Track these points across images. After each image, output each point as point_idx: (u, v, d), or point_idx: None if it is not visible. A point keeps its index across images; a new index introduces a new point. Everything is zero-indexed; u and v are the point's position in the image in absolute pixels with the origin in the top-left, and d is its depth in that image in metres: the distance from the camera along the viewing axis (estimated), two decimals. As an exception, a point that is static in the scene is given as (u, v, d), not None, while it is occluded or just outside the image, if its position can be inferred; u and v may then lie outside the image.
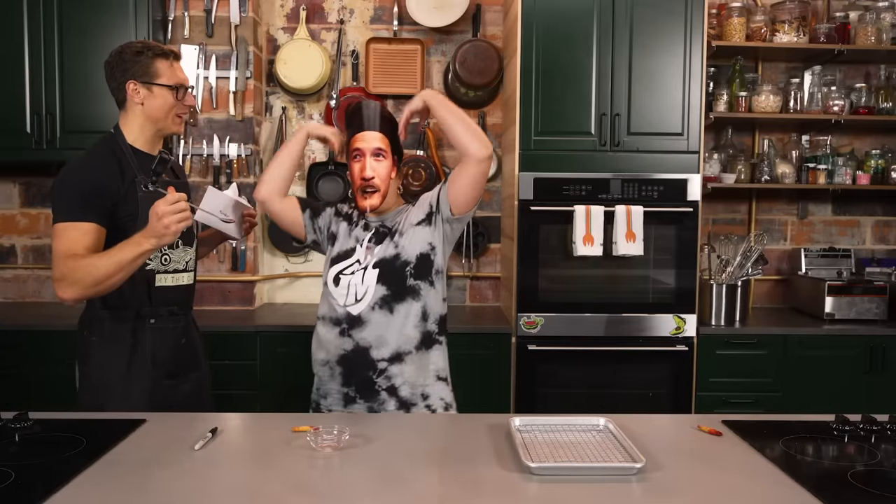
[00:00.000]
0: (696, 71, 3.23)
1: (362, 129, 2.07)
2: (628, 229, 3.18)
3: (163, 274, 2.09)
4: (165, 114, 2.09)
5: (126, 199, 2.00)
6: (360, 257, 2.09)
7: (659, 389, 3.28)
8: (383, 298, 2.03)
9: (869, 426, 1.72)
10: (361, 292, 2.04)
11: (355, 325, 2.04)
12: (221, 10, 3.48)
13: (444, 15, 3.64)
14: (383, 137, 2.07)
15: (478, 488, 1.42)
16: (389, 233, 2.10)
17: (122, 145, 2.07)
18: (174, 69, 2.10)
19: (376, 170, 2.05)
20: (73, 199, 1.93)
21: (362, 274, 2.05)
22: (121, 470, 1.49)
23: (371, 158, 2.05)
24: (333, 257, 2.13)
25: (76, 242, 1.90)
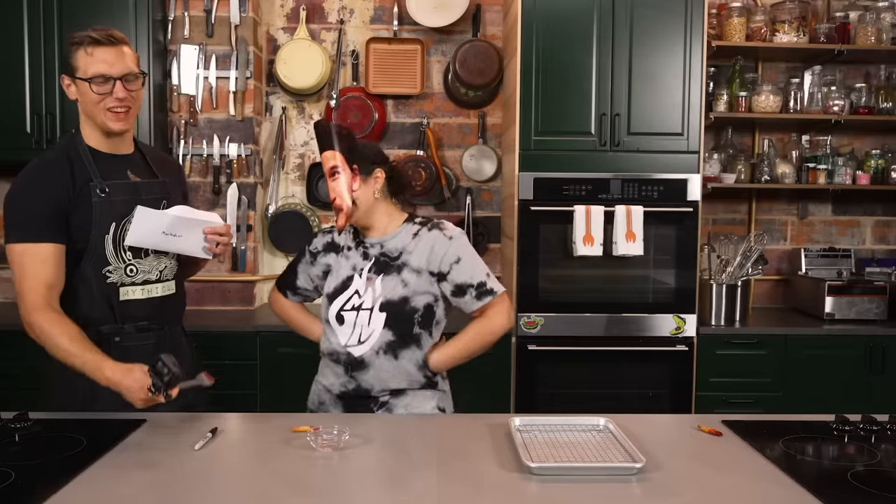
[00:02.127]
0: (696, 71, 3.23)
1: (320, 150, 2.00)
2: (628, 229, 3.18)
3: (129, 287, 1.90)
4: (94, 110, 1.86)
5: (78, 208, 1.83)
6: (360, 289, 1.99)
7: (659, 389, 3.28)
8: (389, 344, 1.96)
9: (869, 426, 1.72)
10: (366, 334, 1.97)
11: (358, 367, 1.97)
12: (221, 10, 3.48)
13: (444, 15, 3.64)
14: (335, 154, 1.97)
15: (478, 488, 1.42)
16: (391, 264, 2.00)
17: (80, 147, 1.90)
18: (93, 58, 1.82)
19: (335, 189, 1.96)
20: (28, 216, 1.79)
21: (368, 315, 1.97)
22: (121, 470, 1.49)
23: (330, 179, 1.97)
24: (330, 293, 2.03)
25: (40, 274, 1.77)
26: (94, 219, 1.85)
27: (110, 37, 1.84)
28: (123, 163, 1.94)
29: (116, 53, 1.84)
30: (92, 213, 1.84)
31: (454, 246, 2.00)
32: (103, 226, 1.86)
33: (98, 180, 1.86)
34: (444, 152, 3.81)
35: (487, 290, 2.00)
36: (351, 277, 2.02)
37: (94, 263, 1.86)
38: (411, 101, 3.79)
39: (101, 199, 1.85)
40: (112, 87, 1.82)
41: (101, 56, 1.82)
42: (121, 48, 1.85)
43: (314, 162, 3.78)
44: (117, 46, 1.84)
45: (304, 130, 3.80)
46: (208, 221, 1.95)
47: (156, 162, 2.05)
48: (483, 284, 2.00)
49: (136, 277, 1.92)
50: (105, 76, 1.82)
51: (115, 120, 1.86)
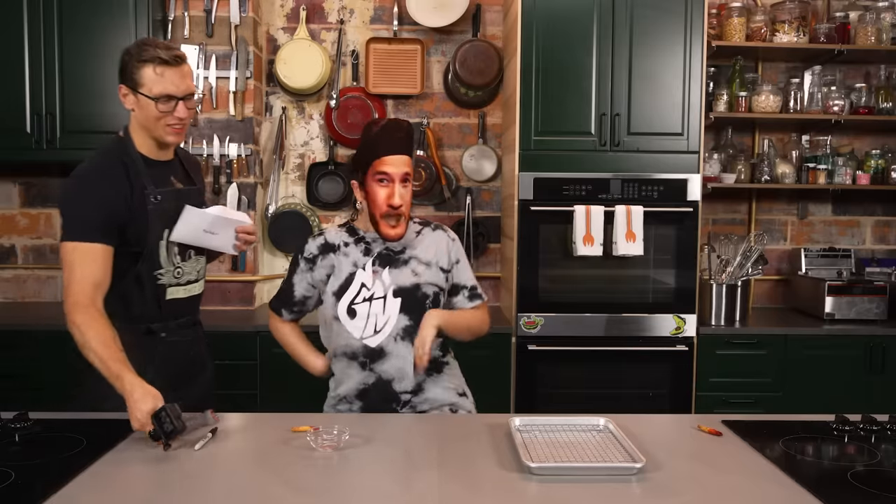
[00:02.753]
0: (696, 71, 3.23)
1: (392, 151, 1.93)
2: (628, 229, 3.18)
3: (175, 287, 2.01)
4: (154, 125, 1.92)
5: (134, 214, 1.91)
6: (366, 281, 2.00)
7: (659, 389, 3.28)
8: (405, 329, 1.98)
9: (869, 426, 1.73)
10: (382, 322, 1.98)
11: (377, 357, 1.98)
12: (221, 10, 3.48)
13: (444, 15, 3.64)
14: (410, 161, 1.97)
15: (478, 488, 1.42)
16: (396, 257, 2.02)
17: (132, 153, 1.97)
18: (163, 78, 1.87)
19: (404, 197, 1.95)
20: (83, 218, 1.87)
21: (382, 303, 1.98)
22: (121, 470, 1.49)
23: (399, 185, 1.94)
24: (336, 290, 2.01)
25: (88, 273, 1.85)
26: (149, 225, 1.93)
27: (177, 58, 1.91)
28: (168, 169, 2.03)
29: (181, 74, 1.91)
30: (147, 220, 1.93)
31: (456, 247, 2.12)
32: (157, 231, 1.95)
33: (151, 188, 1.94)
34: (444, 152, 3.81)
35: (478, 294, 2.14)
36: (353, 273, 2.01)
37: (148, 267, 1.95)
38: (411, 101, 3.79)
39: (155, 205, 1.94)
40: (174, 106, 1.90)
41: (169, 77, 1.89)
42: (184, 68, 1.93)
43: (314, 162, 3.78)
44: (181, 66, 1.92)
45: (304, 130, 3.80)
46: (241, 221, 2.09)
47: (189, 164, 2.15)
48: (475, 288, 2.14)
49: (182, 279, 2.02)
50: (170, 96, 1.89)
51: (174, 134, 1.95)
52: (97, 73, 3.31)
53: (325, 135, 3.79)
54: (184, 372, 2.05)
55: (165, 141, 1.97)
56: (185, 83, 1.91)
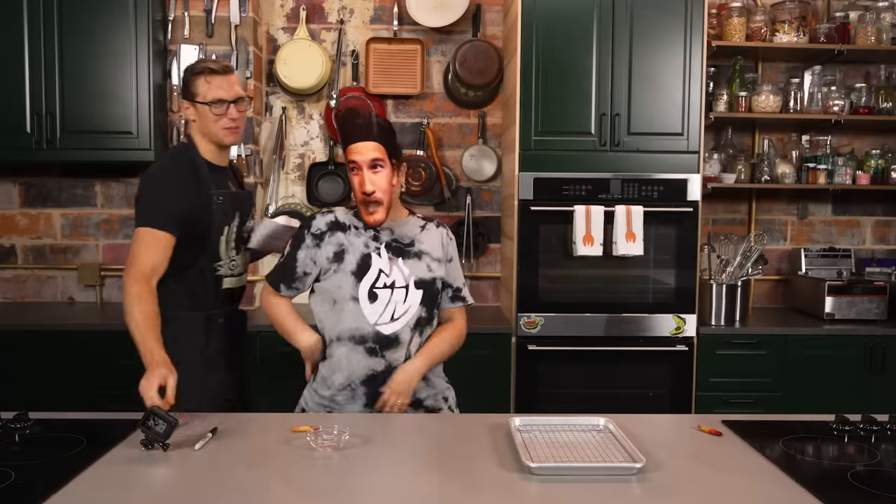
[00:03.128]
0: (696, 71, 3.23)
1: (355, 139, 1.97)
2: (628, 229, 3.18)
3: (229, 278, 2.24)
4: (211, 129, 2.17)
5: (199, 211, 2.14)
6: (384, 268, 2.01)
7: (659, 389, 3.28)
8: (419, 321, 2.04)
9: (869, 426, 1.73)
10: (401, 311, 2.01)
11: (389, 345, 2.00)
12: (221, 10, 3.48)
13: (444, 15, 3.64)
14: (378, 146, 1.96)
15: (478, 488, 1.42)
16: (407, 249, 2.06)
17: (197, 158, 2.20)
18: (211, 85, 2.14)
19: (376, 182, 1.95)
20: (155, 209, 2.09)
21: (405, 292, 2.01)
22: (121, 470, 1.49)
23: (368, 171, 1.95)
24: (354, 270, 2.01)
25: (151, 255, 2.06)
26: (212, 222, 2.16)
27: (225, 67, 2.20)
28: (224, 175, 2.27)
29: (229, 82, 2.17)
30: (211, 217, 2.16)
31: (452, 246, 2.16)
32: (218, 228, 2.18)
33: (215, 189, 2.18)
34: (444, 152, 3.81)
35: (461, 297, 2.17)
36: (369, 256, 2.02)
37: (208, 259, 2.18)
38: (411, 101, 3.79)
39: (218, 205, 2.17)
40: (226, 109, 2.15)
41: (217, 83, 2.15)
42: (231, 77, 2.19)
43: (314, 162, 3.78)
44: (229, 76, 2.18)
45: (304, 130, 3.80)
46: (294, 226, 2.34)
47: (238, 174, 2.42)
48: (460, 290, 2.16)
49: (234, 270, 2.26)
50: (222, 100, 2.14)
51: (230, 135, 2.19)
52: (97, 73, 3.32)
53: (325, 135, 3.79)
54: (236, 353, 2.26)
55: (224, 142, 2.20)
56: (233, 89, 2.16)
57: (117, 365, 3.14)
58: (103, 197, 3.77)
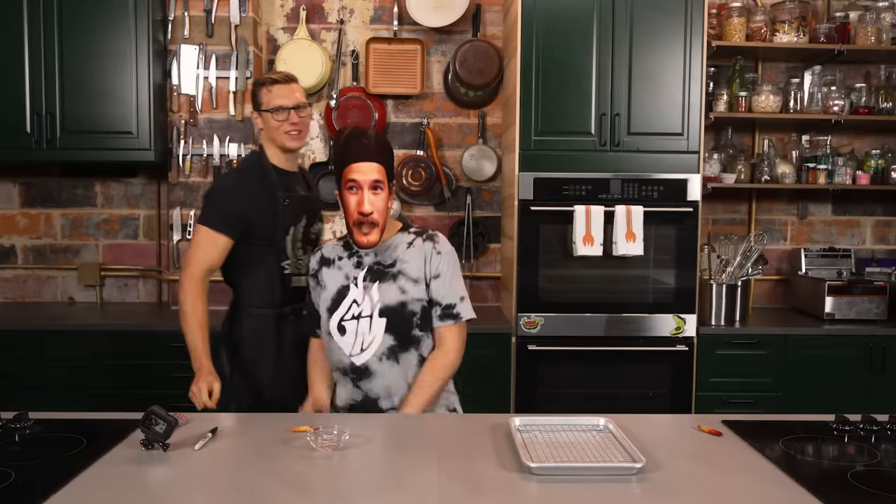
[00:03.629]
0: (696, 71, 3.23)
1: (359, 159, 1.94)
2: (628, 229, 3.18)
3: (297, 276, 2.35)
4: (275, 134, 2.32)
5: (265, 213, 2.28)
6: (357, 298, 2.00)
7: (659, 389, 3.28)
8: (390, 349, 1.98)
9: (869, 426, 1.73)
10: (367, 341, 1.98)
11: (363, 376, 1.99)
12: (221, 10, 3.48)
13: (444, 15, 3.64)
14: (381, 168, 1.95)
15: (478, 488, 1.42)
16: (386, 271, 2.01)
17: (266, 164, 2.35)
18: (272, 94, 2.30)
19: (374, 204, 1.93)
20: (220, 212, 2.25)
21: (369, 322, 1.98)
22: (121, 470, 1.49)
23: (369, 192, 1.93)
24: (329, 306, 2.03)
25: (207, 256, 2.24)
26: (278, 222, 2.30)
27: (286, 77, 2.36)
28: (293, 179, 2.40)
29: (290, 89, 2.33)
30: (277, 218, 2.30)
31: (441, 261, 2.02)
32: (285, 228, 2.31)
33: (282, 193, 2.32)
34: (444, 152, 3.81)
35: (452, 314, 2.03)
36: (346, 287, 2.02)
37: (275, 258, 2.31)
38: (411, 101, 3.79)
39: (284, 207, 2.31)
40: (287, 115, 2.30)
41: (277, 92, 2.31)
42: (292, 85, 2.34)
43: (314, 162, 3.78)
44: (290, 84, 2.34)
45: (304, 130, 3.80)
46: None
47: (309, 179, 2.54)
48: (451, 307, 2.02)
49: (301, 269, 2.35)
50: (282, 107, 2.30)
51: (292, 140, 2.33)
52: (97, 73, 3.32)
53: (325, 135, 3.79)
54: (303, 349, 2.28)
55: (288, 146, 2.33)
56: (293, 96, 2.32)
57: (117, 365, 3.16)
58: (103, 197, 3.77)
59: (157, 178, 3.75)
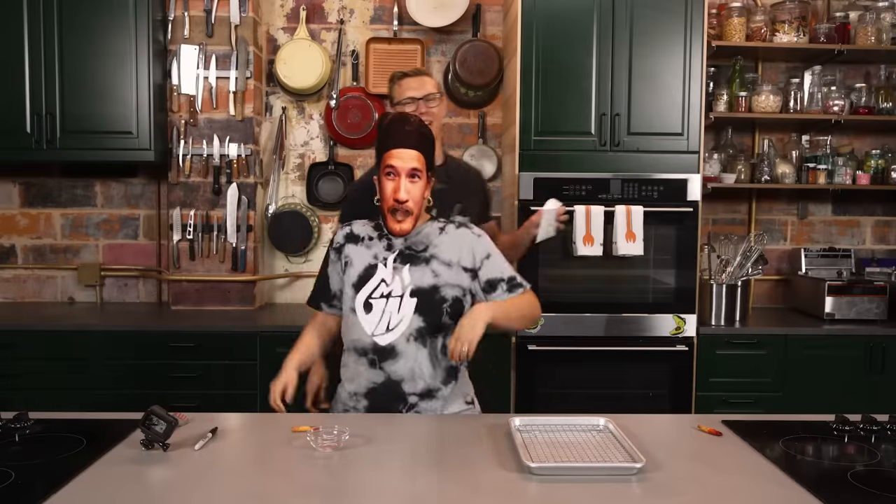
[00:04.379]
0: (696, 71, 3.23)
1: (399, 145, 1.91)
2: (628, 229, 3.18)
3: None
4: None
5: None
6: (387, 278, 1.97)
7: (659, 389, 3.28)
8: (419, 330, 1.94)
9: (869, 426, 1.73)
10: (395, 321, 1.94)
11: (387, 356, 1.94)
12: (221, 10, 3.48)
13: (444, 15, 3.64)
14: (420, 156, 1.92)
15: (477, 488, 1.42)
16: (418, 255, 1.98)
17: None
18: (402, 87, 2.35)
19: (411, 192, 1.91)
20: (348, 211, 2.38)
21: (398, 302, 1.94)
22: (121, 470, 1.49)
23: (406, 179, 1.91)
24: (355, 282, 1.99)
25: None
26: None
27: (416, 70, 2.40)
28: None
29: (420, 82, 2.36)
30: None
31: (483, 243, 2.03)
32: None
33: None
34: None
35: (518, 284, 2.03)
36: (374, 266, 1.98)
37: None
38: (411, 101, 3.78)
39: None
40: (416, 106, 2.32)
41: (407, 84, 2.36)
42: (423, 78, 2.37)
43: (314, 162, 3.78)
44: (420, 77, 2.37)
45: (304, 130, 3.80)
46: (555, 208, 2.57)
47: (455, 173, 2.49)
48: (514, 278, 2.03)
49: None
50: (412, 98, 2.34)
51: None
52: (97, 73, 3.32)
53: (325, 135, 3.79)
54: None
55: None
56: (423, 88, 2.34)
57: (117, 365, 3.16)
58: (103, 197, 3.77)
59: (157, 178, 3.75)
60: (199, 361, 3.07)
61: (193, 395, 3.09)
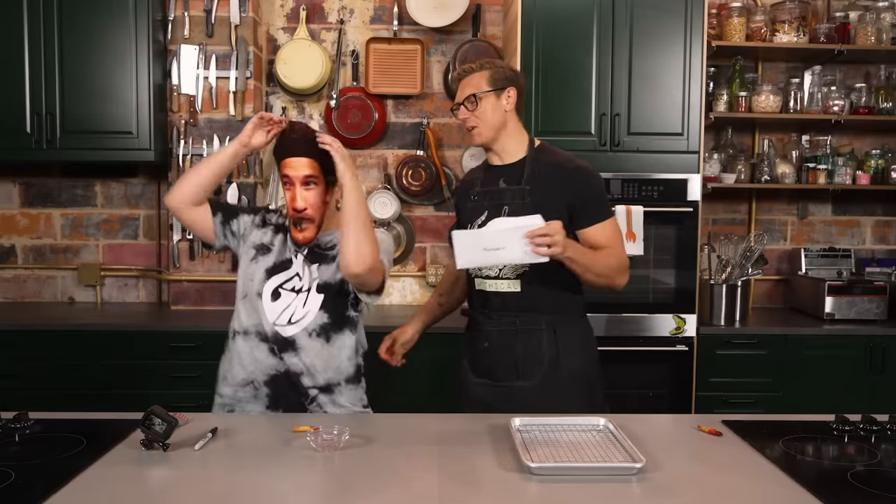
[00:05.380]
0: (696, 71, 3.23)
1: (288, 154, 1.94)
2: (628, 229, 3.18)
3: (479, 279, 2.15)
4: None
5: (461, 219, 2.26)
6: (299, 270, 2.00)
7: (659, 389, 3.28)
8: (322, 326, 1.97)
9: (869, 426, 1.73)
10: (299, 315, 1.96)
11: (287, 347, 1.96)
12: (221, 10, 3.48)
13: (444, 15, 3.64)
14: (312, 163, 1.93)
15: (478, 488, 1.42)
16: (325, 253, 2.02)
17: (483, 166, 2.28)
18: (462, 86, 2.14)
19: (307, 199, 1.94)
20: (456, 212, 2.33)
21: (305, 297, 1.97)
22: (121, 470, 1.49)
23: (301, 188, 1.94)
24: (269, 268, 2.01)
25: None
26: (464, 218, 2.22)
27: (465, 70, 2.16)
28: (502, 172, 2.18)
29: (466, 82, 2.14)
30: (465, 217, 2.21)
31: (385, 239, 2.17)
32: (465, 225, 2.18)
33: (477, 188, 2.19)
34: (444, 152, 3.81)
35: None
36: (290, 260, 2.01)
37: None
38: (411, 101, 3.79)
39: (473, 203, 2.19)
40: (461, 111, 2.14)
41: (460, 87, 2.15)
42: (468, 78, 2.14)
43: (314, 162, 3.78)
44: (466, 77, 2.15)
45: (304, 130, 3.80)
46: (527, 225, 1.93)
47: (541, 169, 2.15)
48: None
49: (481, 273, 2.14)
50: (457, 103, 2.15)
51: (469, 136, 2.17)
52: (97, 73, 3.32)
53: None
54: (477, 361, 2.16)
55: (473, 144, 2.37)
56: (466, 90, 2.12)
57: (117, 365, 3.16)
58: (103, 197, 3.77)
59: (157, 178, 3.75)
60: (199, 361, 3.07)
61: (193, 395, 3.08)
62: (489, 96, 2.10)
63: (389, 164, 3.81)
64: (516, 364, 2.08)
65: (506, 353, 2.10)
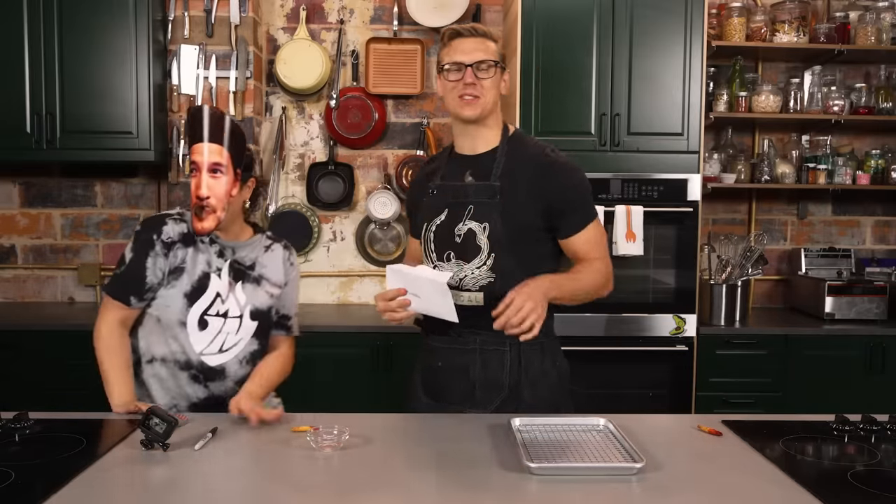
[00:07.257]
0: (696, 71, 3.23)
1: (198, 139, 1.81)
2: (628, 229, 3.18)
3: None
4: (450, 101, 1.84)
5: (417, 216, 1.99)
6: (222, 292, 1.88)
7: (659, 389, 3.28)
8: (253, 353, 1.95)
9: (869, 426, 1.72)
10: (231, 342, 1.90)
11: (215, 377, 1.90)
12: (221, 10, 3.48)
13: (444, 15, 3.64)
14: (222, 150, 1.81)
15: (478, 488, 1.42)
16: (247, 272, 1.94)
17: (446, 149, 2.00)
18: (451, 48, 1.82)
19: (212, 188, 1.81)
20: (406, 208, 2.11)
21: (238, 323, 1.90)
22: (121, 470, 1.49)
23: (207, 175, 1.81)
24: (189, 292, 1.86)
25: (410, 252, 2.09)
26: (419, 219, 1.96)
27: (472, 29, 1.85)
28: (471, 164, 1.89)
29: (475, 43, 1.82)
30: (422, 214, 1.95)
31: (292, 272, 2.05)
32: (420, 224, 1.96)
33: (435, 181, 1.92)
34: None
35: (287, 326, 2.06)
36: (208, 276, 1.88)
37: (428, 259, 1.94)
38: (411, 101, 3.79)
39: (431, 199, 1.92)
40: (463, 74, 1.80)
41: (458, 46, 1.83)
42: (478, 39, 1.83)
43: (314, 162, 3.78)
44: (476, 37, 1.83)
45: (304, 130, 3.80)
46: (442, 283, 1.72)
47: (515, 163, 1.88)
48: (287, 318, 2.05)
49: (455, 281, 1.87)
50: (459, 63, 1.81)
51: (464, 106, 1.82)
52: (97, 73, 3.32)
53: (325, 135, 3.79)
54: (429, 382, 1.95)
55: (462, 116, 1.84)
56: (476, 52, 1.81)
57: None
58: (103, 197, 3.77)
59: (157, 178, 3.75)
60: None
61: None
62: (497, 70, 1.84)
63: (389, 164, 3.81)
64: (474, 389, 1.88)
65: (461, 375, 1.88)
